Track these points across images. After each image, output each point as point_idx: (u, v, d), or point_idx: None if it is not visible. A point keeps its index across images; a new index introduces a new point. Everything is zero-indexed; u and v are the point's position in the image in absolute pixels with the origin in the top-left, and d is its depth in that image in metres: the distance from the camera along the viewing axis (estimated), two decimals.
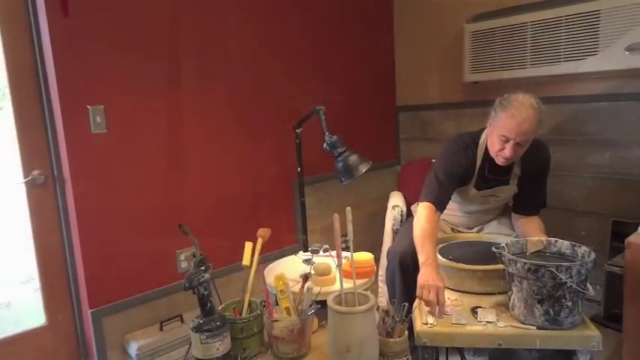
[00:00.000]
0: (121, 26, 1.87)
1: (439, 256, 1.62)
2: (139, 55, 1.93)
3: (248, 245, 1.47)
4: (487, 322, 1.34)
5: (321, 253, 1.92)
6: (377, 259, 1.92)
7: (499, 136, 1.64)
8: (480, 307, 1.42)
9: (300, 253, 2.18)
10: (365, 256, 1.78)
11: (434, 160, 1.89)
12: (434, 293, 1.40)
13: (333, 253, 1.68)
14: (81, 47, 1.78)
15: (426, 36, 2.98)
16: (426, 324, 1.35)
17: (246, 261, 1.45)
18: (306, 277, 1.45)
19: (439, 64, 2.95)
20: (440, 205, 1.76)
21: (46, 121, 1.83)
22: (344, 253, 1.41)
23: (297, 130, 2.15)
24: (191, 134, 2.12)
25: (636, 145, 2.24)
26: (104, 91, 1.85)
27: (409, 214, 2.21)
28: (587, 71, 2.17)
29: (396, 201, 2.32)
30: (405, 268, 1.80)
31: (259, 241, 1.51)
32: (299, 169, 2.20)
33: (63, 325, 1.96)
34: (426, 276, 1.48)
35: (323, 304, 1.28)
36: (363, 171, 1.84)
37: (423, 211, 1.72)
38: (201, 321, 1.24)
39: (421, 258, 1.58)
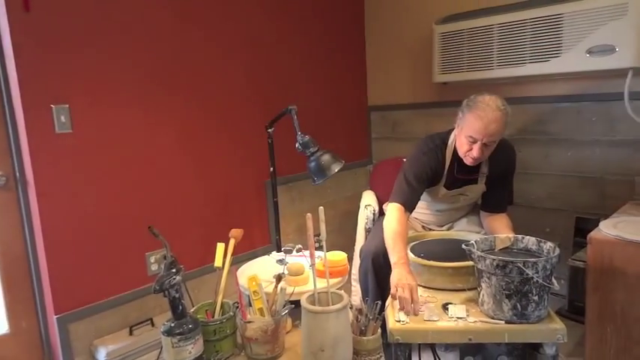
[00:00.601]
0: (88, 22, 1.82)
1: (411, 254, 1.64)
2: (106, 53, 1.88)
3: (220, 246, 1.46)
4: (458, 317, 1.37)
5: (294, 253, 1.92)
6: (350, 258, 1.93)
7: (467, 137, 1.68)
8: (451, 304, 1.44)
9: (274, 253, 2.17)
10: (338, 256, 1.78)
11: (405, 160, 1.92)
12: (408, 291, 1.42)
13: (307, 252, 1.68)
14: (44, 43, 1.71)
15: (396, 37, 3.02)
16: (399, 321, 1.37)
17: (218, 262, 1.44)
18: (279, 278, 1.44)
19: (409, 65, 2.99)
20: (409, 206, 1.79)
21: (7, 121, 1.76)
22: (317, 253, 1.41)
23: (269, 130, 2.14)
24: (161, 134, 2.08)
25: (596, 144, 2.34)
26: (69, 90, 1.79)
27: (381, 213, 2.23)
28: (551, 73, 2.24)
29: (368, 200, 2.34)
30: (378, 267, 1.82)
31: (232, 242, 1.50)
32: (271, 168, 2.20)
33: (27, 332, 1.89)
34: (399, 275, 1.50)
35: (297, 304, 1.28)
36: (336, 170, 1.84)
37: (393, 212, 1.75)
38: (172, 324, 1.22)
39: (393, 258, 1.59)
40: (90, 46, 1.83)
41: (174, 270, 1.22)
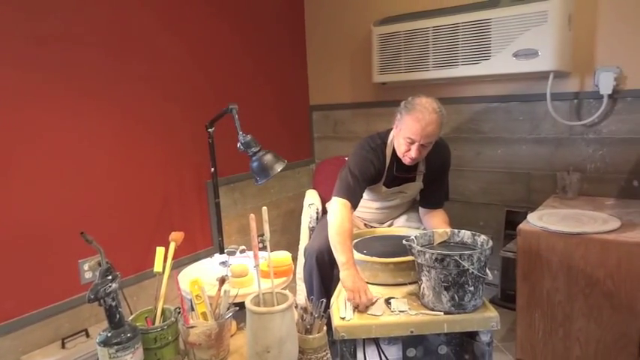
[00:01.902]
0: (7, 7, 1.68)
1: (355, 252, 1.67)
2: (30, 43, 1.75)
3: (159, 250, 1.40)
4: (400, 311, 1.41)
5: (237, 254, 1.90)
6: (294, 258, 1.93)
7: (405, 138, 1.73)
8: (394, 298, 1.49)
9: (216, 255, 2.12)
10: (282, 256, 1.78)
11: (348, 158, 1.95)
12: (364, 294, 1.46)
13: (250, 253, 1.66)
14: None
15: (336, 37, 3.05)
16: (344, 318, 1.39)
17: (157, 267, 1.38)
18: (222, 280, 1.41)
19: (350, 65, 3.04)
20: (355, 202, 1.81)
21: None
22: (261, 253, 1.40)
23: (209, 130, 2.10)
24: (93, 136, 1.97)
25: (523, 142, 2.50)
26: None
27: (325, 212, 2.25)
28: (482, 74, 2.37)
29: (311, 199, 2.35)
30: (323, 265, 1.83)
31: (172, 246, 1.45)
32: (212, 169, 2.15)
33: None
34: (351, 278, 1.52)
35: (241, 306, 1.26)
36: (278, 170, 1.84)
37: (340, 208, 1.75)
38: (109, 334, 1.16)
39: (342, 258, 1.60)
40: (13, 34, 1.70)
41: (109, 277, 1.16)
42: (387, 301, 1.47)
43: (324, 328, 1.30)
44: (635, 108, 2.18)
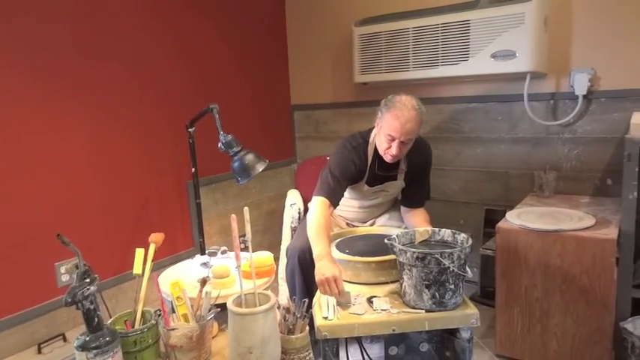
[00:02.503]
0: None
1: (336, 251, 1.67)
2: (4, 43, 1.71)
3: (139, 252, 1.38)
4: (382, 310, 1.42)
5: (219, 255, 1.88)
6: (276, 258, 1.92)
7: (386, 135, 1.75)
8: (376, 297, 1.49)
9: (197, 256, 2.10)
10: (264, 256, 1.77)
11: (329, 157, 1.95)
12: (334, 285, 1.45)
13: (232, 254, 1.65)
14: None
15: (318, 37, 3.06)
16: (326, 318, 1.39)
17: (137, 269, 1.36)
18: (204, 281, 1.40)
19: (331, 65, 3.04)
20: (334, 201, 1.82)
21: None
22: (243, 254, 1.39)
23: (189, 130, 2.08)
24: (71, 133, 1.93)
25: (502, 142, 2.54)
26: None
27: (307, 212, 2.25)
28: (461, 75, 2.40)
29: (293, 199, 2.35)
30: (305, 265, 1.83)
31: (152, 247, 1.43)
32: (193, 169, 2.13)
33: None
34: (322, 269, 1.51)
35: (223, 307, 1.25)
36: (260, 170, 1.83)
37: (318, 205, 1.77)
38: (87, 338, 1.14)
39: (316, 250, 1.61)
40: None
41: (87, 280, 1.14)
42: (370, 300, 1.48)
43: (307, 327, 1.30)
44: (608, 108, 2.24)
